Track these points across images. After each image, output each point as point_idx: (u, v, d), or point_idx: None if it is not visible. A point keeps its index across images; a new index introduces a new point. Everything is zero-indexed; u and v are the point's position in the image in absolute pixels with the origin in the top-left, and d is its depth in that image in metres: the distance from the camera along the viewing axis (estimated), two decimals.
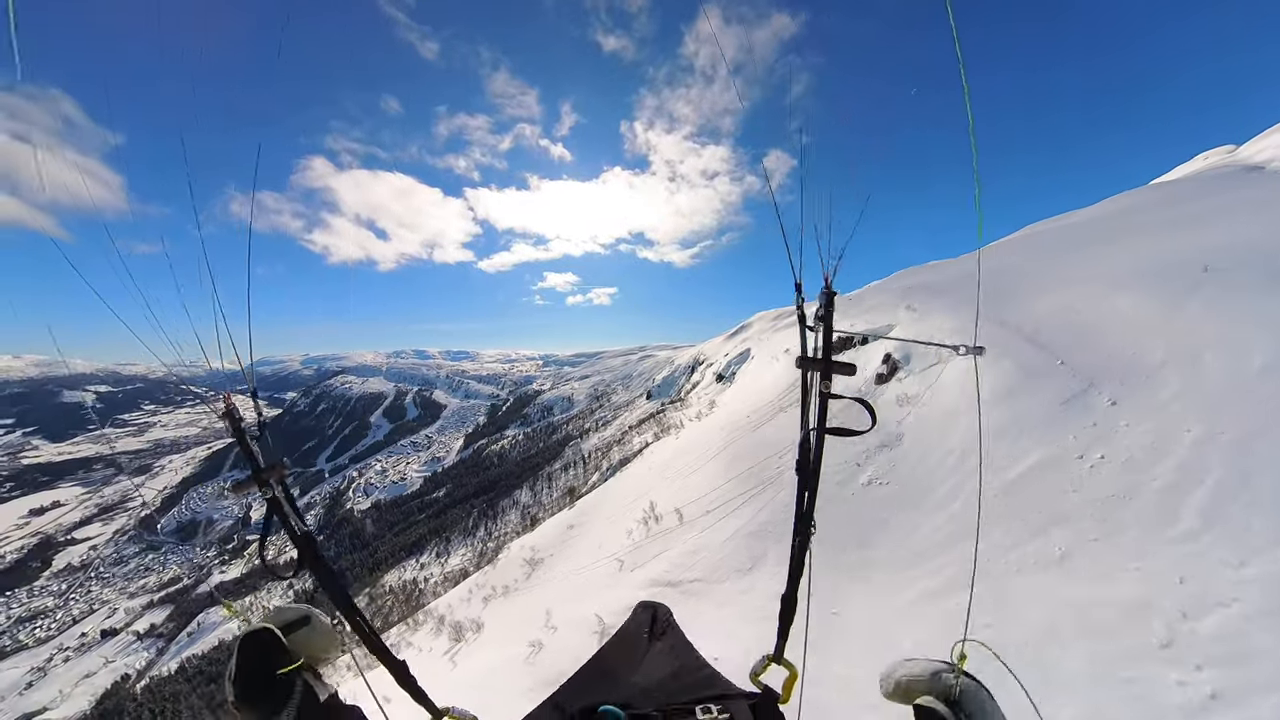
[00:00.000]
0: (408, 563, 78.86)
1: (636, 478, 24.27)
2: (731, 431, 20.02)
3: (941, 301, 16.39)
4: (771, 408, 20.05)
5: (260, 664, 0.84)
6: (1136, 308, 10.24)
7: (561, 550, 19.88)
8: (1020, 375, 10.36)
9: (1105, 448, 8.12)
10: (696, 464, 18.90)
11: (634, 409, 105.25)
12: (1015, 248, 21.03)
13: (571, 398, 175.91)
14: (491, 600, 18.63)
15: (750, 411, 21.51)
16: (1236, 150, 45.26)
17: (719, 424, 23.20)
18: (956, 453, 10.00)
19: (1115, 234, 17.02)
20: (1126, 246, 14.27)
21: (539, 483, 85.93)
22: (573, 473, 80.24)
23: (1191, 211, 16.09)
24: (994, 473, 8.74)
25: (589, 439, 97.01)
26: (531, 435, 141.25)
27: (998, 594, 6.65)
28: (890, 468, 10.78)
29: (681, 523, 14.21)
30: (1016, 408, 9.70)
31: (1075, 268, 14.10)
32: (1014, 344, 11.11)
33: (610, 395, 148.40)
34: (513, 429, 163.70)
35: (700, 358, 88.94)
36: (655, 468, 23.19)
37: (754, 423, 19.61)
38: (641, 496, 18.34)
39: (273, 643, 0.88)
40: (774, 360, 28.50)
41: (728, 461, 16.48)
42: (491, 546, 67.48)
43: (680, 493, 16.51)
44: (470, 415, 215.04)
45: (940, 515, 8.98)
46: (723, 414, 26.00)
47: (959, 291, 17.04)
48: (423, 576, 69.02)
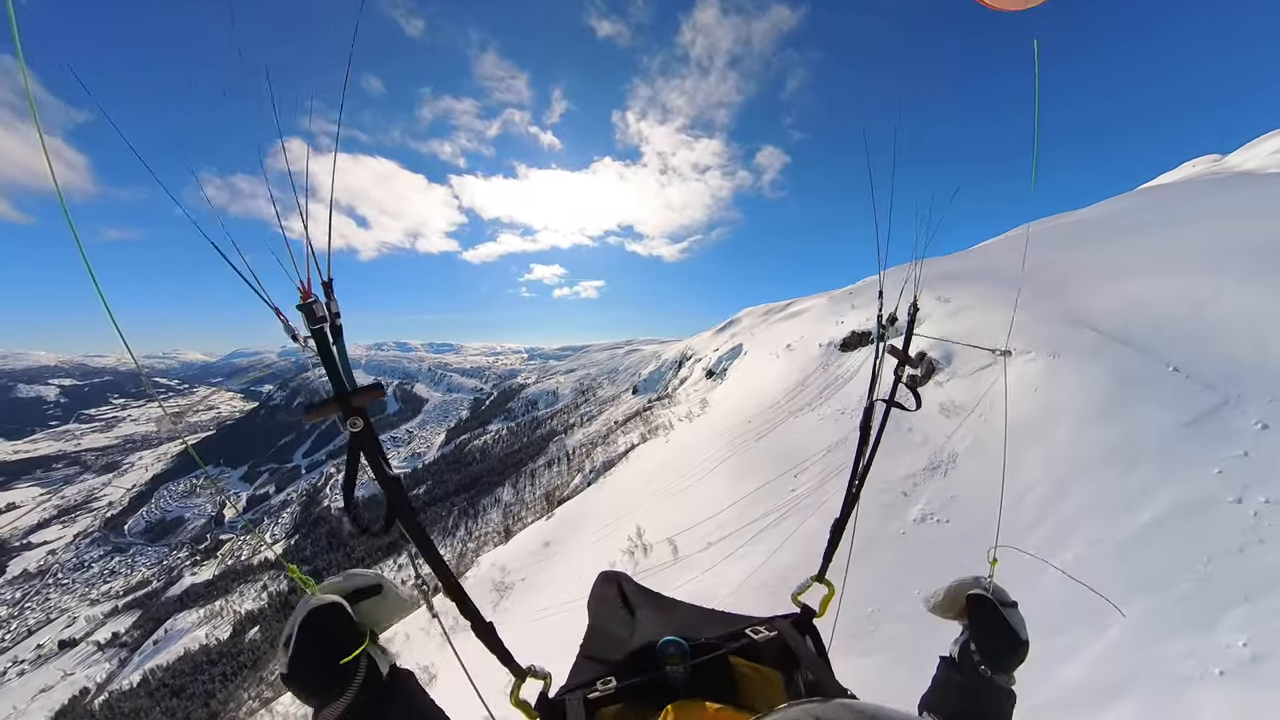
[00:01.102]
0: (384, 564, 75.94)
1: (621, 489, 21.89)
2: (732, 439, 17.80)
3: (976, 290, 14.24)
4: (779, 411, 17.83)
5: (323, 645, 0.73)
6: (1263, 300, 8.02)
7: (534, 574, 17.48)
8: (1116, 384, 8.14)
9: (1271, 488, 5.86)
10: (691, 478, 16.57)
11: (620, 404, 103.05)
12: (1039, 241, 19.00)
13: (557, 392, 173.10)
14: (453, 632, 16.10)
15: (753, 414, 19.30)
16: (1223, 159, 44.86)
17: (715, 427, 20.97)
18: (1043, 487, 7.71)
19: (1168, 220, 14.94)
20: (1196, 229, 12.16)
21: (521, 480, 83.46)
22: (556, 469, 77.92)
23: (1245, 199, 14.14)
24: (1108, 515, 6.46)
25: (573, 434, 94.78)
26: (515, 430, 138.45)
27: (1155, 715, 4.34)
28: (947, 500, 8.52)
29: (676, 558, 11.81)
30: (1122, 427, 7.46)
31: (1141, 253, 11.97)
32: (1098, 344, 8.93)
33: (596, 389, 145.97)
34: (496, 423, 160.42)
35: (688, 352, 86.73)
36: (643, 476, 20.89)
37: (759, 428, 17.38)
38: (626, 516, 15.97)
39: (340, 619, 0.76)
40: (774, 357, 26.25)
41: (731, 478, 14.20)
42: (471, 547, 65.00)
43: (673, 515, 14.16)
44: (453, 409, 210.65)
45: (1033, 573, 6.71)
46: (718, 415, 23.79)
47: (995, 280, 14.91)
48: (400, 579, 66.19)
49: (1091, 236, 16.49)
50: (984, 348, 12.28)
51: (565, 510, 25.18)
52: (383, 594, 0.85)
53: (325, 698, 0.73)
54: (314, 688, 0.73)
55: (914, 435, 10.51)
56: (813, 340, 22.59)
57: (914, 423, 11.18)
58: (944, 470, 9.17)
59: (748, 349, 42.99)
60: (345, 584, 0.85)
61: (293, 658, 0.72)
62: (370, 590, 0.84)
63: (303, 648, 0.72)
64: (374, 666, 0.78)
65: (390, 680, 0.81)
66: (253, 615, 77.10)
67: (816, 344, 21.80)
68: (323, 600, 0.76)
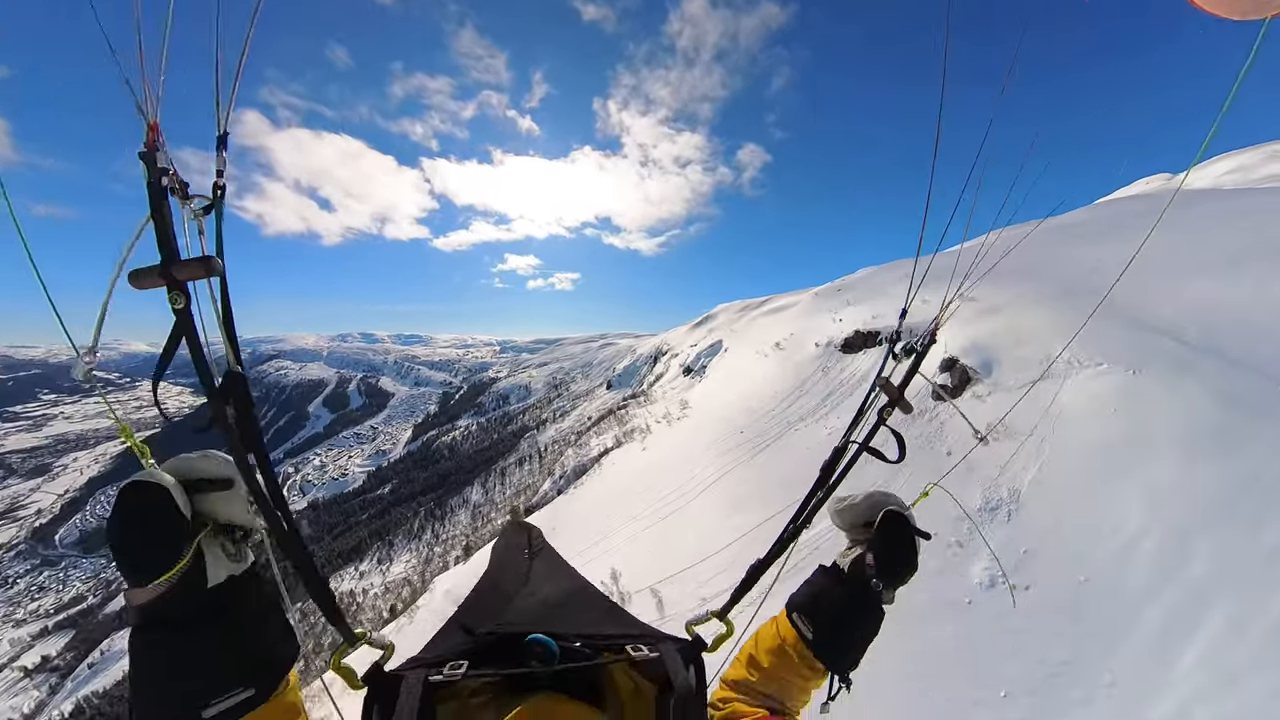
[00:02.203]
0: (346, 571, 72.38)
1: (594, 505, 19.62)
2: (722, 453, 15.87)
3: (1007, 286, 12.59)
4: (775, 420, 16.01)
5: (142, 520, 0.65)
6: None
7: None
8: (1224, 408, 6.53)
9: None
10: (677, 501, 14.50)
11: (594, 399, 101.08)
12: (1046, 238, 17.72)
13: (529, 386, 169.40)
14: None
15: (743, 422, 17.44)
16: (1173, 178, 46.32)
17: (700, 435, 19.07)
18: (1156, 538, 5.99)
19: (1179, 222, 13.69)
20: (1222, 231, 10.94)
21: (491, 478, 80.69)
22: (528, 467, 75.55)
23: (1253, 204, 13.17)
24: (1249, 581, 4.76)
25: (546, 430, 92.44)
26: (485, 426, 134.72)
27: None
28: (1020, 556, 6.76)
29: (662, 615, 9.65)
30: (1240, 465, 5.81)
31: (1180, 251, 10.58)
32: (1187, 358, 7.34)
33: (569, 384, 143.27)
34: (465, 419, 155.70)
35: (664, 347, 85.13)
36: (617, 493, 18.62)
37: (753, 440, 15.52)
38: (599, 546, 13.81)
39: (159, 501, 0.66)
40: (761, 355, 24.49)
41: (725, 505, 12.18)
42: (438, 551, 62.27)
43: (656, 552, 11.99)
44: (420, 404, 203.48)
45: (1159, 664, 4.96)
46: (701, 420, 21.89)
47: (1026, 275, 13.27)
48: (362, 588, 63.24)
49: (1102, 233, 15.28)
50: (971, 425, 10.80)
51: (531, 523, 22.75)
52: (233, 489, 0.75)
53: (135, 579, 0.65)
54: (127, 564, 0.65)
55: (953, 460, 8.82)
56: (806, 339, 20.90)
57: (952, 443, 9.51)
58: (1005, 512, 7.45)
59: (728, 346, 41.27)
60: (188, 467, 0.74)
61: (108, 529, 0.64)
62: (218, 482, 0.74)
63: (113, 524, 0.64)
64: (200, 566, 0.69)
65: (223, 589, 0.71)
66: None
67: (812, 343, 20.09)
68: (143, 478, 0.66)
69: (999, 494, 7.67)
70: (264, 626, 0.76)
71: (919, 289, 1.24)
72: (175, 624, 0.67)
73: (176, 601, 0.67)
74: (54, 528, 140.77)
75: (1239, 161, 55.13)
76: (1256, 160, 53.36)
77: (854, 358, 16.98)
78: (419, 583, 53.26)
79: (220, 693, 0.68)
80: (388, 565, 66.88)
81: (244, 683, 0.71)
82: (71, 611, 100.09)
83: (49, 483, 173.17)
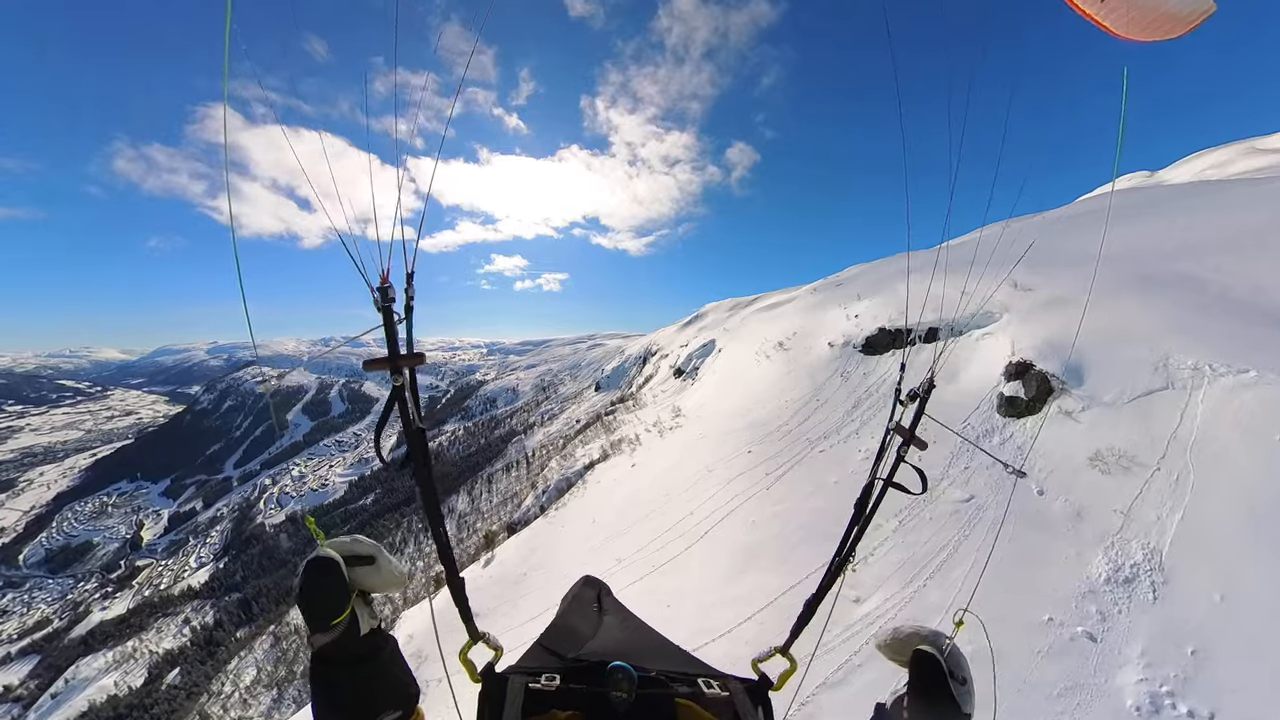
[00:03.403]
0: None
1: (576, 538, 16.83)
2: (727, 479, 13.36)
3: (1075, 276, 10.45)
4: (792, 438, 13.48)
5: (320, 584, 0.93)
6: None
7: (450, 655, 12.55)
8: None
9: None
10: (672, 545, 11.71)
11: (582, 401, 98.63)
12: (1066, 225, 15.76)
13: (517, 389, 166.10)
14: None
15: (751, 439, 14.94)
16: (1154, 175, 45.78)
17: (697, 451, 16.56)
18: None
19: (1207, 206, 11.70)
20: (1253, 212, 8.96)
21: (478, 485, 77.92)
22: (515, 474, 72.87)
23: None
24: None
25: (533, 435, 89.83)
26: (473, 430, 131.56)
27: None
28: (1185, 661, 4.52)
29: None
30: None
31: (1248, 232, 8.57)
32: None
33: (558, 386, 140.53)
34: (452, 423, 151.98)
35: (653, 348, 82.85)
36: (603, 526, 15.98)
37: (765, 463, 12.87)
38: None
39: (332, 573, 0.94)
40: (762, 356, 22.08)
41: (732, 558, 9.41)
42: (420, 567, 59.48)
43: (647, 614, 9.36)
44: None
45: None
46: (698, 431, 19.41)
47: (1082, 259, 11.19)
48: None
49: (1142, 212, 13.29)
50: (999, 460, 8.84)
51: (506, 557, 19.90)
52: (375, 565, 1.00)
53: (314, 627, 0.93)
54: (307, 617, 0.92)
55: (1049, 502, 6.67)
56: (815, 338, 18.61)
57: (1045, 476, 7.31)
58: (1148, 586, 5.24)
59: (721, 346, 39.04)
60: (346, 546, 0.99)
61: (298, 592, 0.92)
62: (365, 559, 0.99)
63: (305, 584, 0.92)
64: (355, 620, 0.96)
65: (370, 637, 0.99)
66: (172, 655, 68.78)
67: (824, 343, 17.80)
68: (324, 554, 0.94)
69: (1131, 556, 5.50)
70: (398, 665, 1.03)
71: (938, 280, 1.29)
72: (343, 662, 0.95)
73: (343, 645, 0.94)
74: (18, 546, 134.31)
75: (1217, 158, 55.28)
76: (1232, 156, 53.47)
77: (879, 360, 14.73)
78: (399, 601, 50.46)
79: (379, 714, 0.97)
80: None
81: (395, 707, 0.99)
82: (36, 636, 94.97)
83: (13, 499, 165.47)
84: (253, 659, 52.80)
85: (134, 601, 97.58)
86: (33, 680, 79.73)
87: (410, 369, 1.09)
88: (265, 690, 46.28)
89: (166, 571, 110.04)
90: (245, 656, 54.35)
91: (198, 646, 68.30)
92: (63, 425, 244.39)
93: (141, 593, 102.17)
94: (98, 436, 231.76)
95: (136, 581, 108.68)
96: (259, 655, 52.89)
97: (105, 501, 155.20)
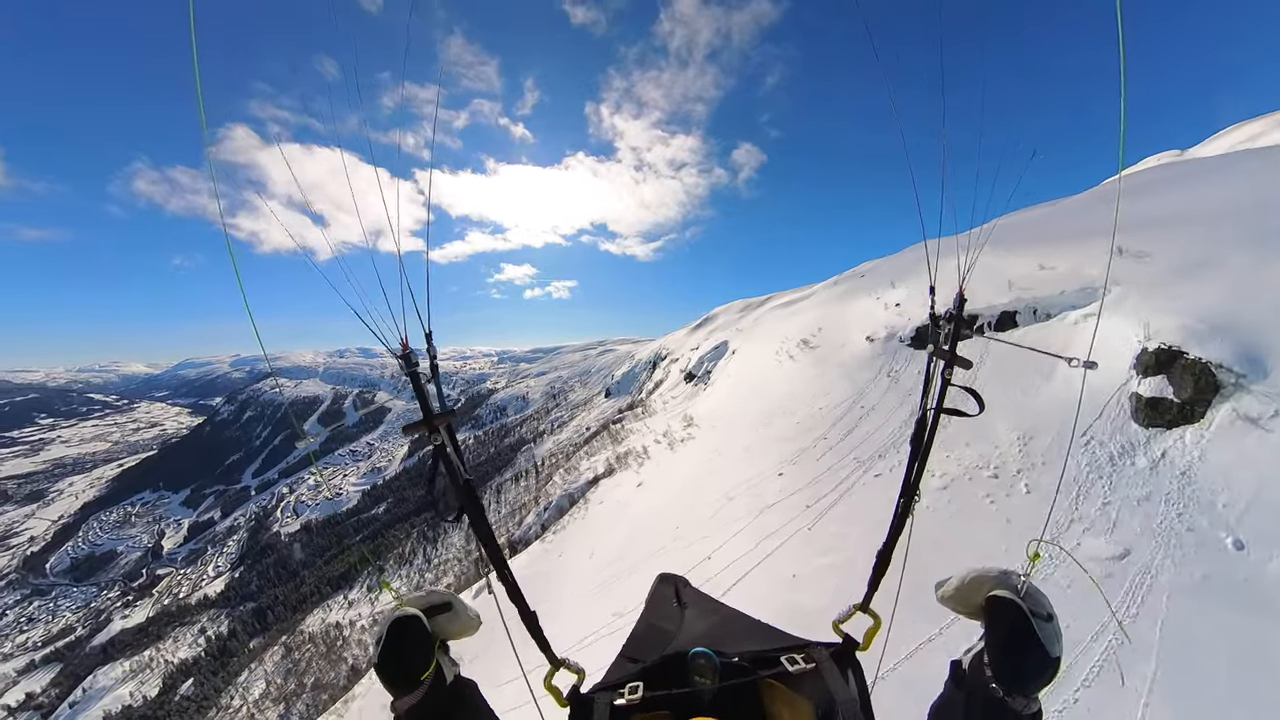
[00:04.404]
0: (334, 600, 69.02)
1: (570, 575, 14.80)
2: (754, 509, 11.00)
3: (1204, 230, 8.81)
4: (833, 455, 11.31)
5: (402, 648, 0.94)
6: None
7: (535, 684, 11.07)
8: None
9: None
10: None
11: (592, 408, 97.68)
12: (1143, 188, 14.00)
13: (527, 396, 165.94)
14: None
15: (780, 457, 12.71)
16: (1184, 154, 43.40)
17: (713, 468, 14.76)
18: None
19: None
20: None
21: (486, 496, 77.49)
22: (524, 484, 72.11)
23: None
24: None
25: (543, 443, 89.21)
26: (483, 439, 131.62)
27: None
28: None
29: None
30: None
31: None
32: None
33: (568, 393, 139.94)
34: (463, 432, 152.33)
35: (663, 352, 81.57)
36: (600, 560, 13.90)
37: (804, 488, 10.73)
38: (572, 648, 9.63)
39: (418, 630, 0.96)
40: (785, 357, 20.05)
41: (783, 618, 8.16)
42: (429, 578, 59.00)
43: None
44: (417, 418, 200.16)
45: None
46: (711, 444, 17.62)
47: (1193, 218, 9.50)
48: (349, 619, 60.00)
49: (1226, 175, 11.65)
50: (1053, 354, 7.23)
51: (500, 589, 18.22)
52: (453, 611, 1.02)
53: (402, 691, 0.93)
54: (393, 680, 0.92)
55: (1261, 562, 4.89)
56: (846, 332, 16.57)
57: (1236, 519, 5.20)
58: None
59: (735, 347, 37.44)
60: (424, 600, 1.02)
61: (380, 656, 0.92)
62: (443, 607, 1.02)
63: (388, 648, 0.92)
64: (441, 672, 0.98)
65: (455, 685, 1.00)
66: (186, 666, 69.17)
67: (860, 337, 15.75)
68: (406, 612, 0.96)
69: None
70: (483, 710, 1.04)
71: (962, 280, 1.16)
72: (435, 716, 0.94)
73: (433, 700, 0.94)
74: (46, 555, 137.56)
75: (1248, 132, 52.74)
76: (1265, 128, 50.87)
77: None
78: None
79: None
80: (377, 593, 63.58)
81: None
82: (59, 644, 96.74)
83: (44, 508, 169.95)
84: (262, 671, 52.53)
85: (153, 610, 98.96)
86: (54, 688, 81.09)
87: (447, 426, 1.12)
88: (273, 705, 45.73)
89: (185, 580, 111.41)
90: (255, 669, 54.14)
91: (211, 656, 68.65)
92: (91, 437, 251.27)
93: (161, 601, 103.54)
94: (124, 448, 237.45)
95: (156, 590, 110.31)
96: (269, 668, 52.62)
97: (129, 511, 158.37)
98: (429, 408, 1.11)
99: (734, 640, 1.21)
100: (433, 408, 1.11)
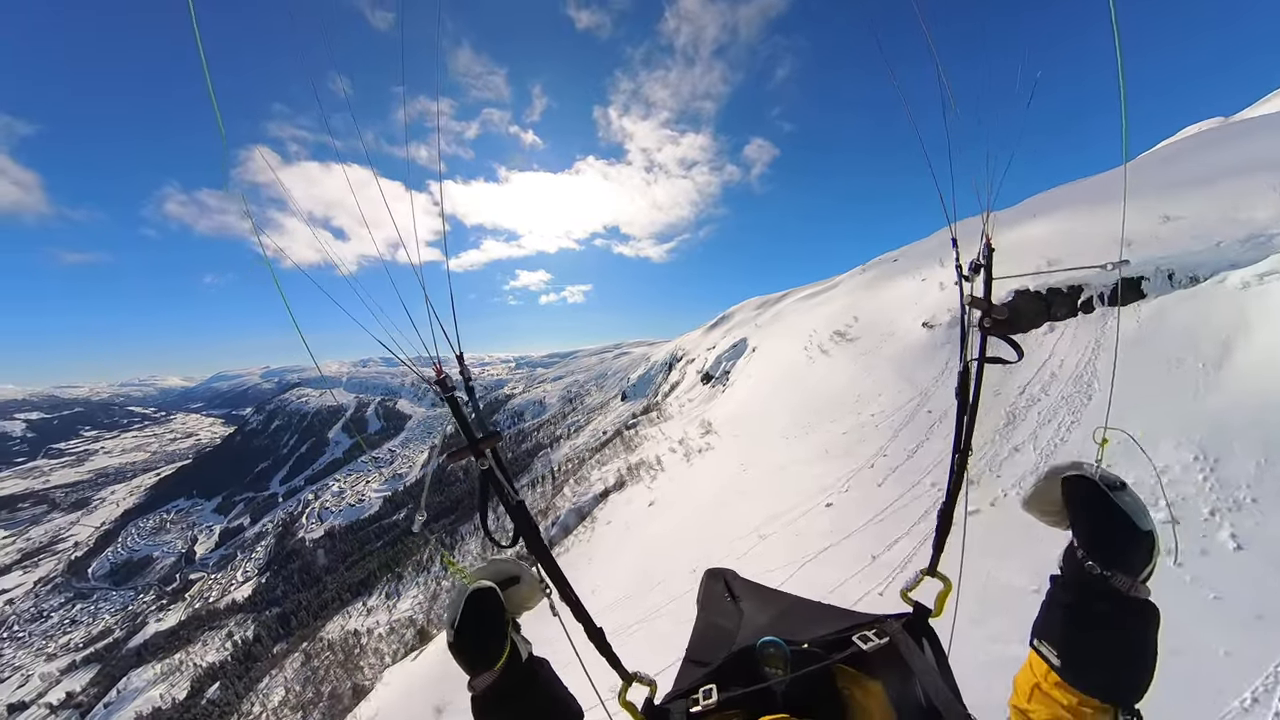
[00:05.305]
0: (353, 606, 69.43)
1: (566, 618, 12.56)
2: (800, 560, 8.24)
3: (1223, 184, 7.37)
4: (900, 481, 8.72)
5: (479, 624, 0.91)
6: None
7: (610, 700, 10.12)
8: None
9: None
10: None
11: (608, 412, 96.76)
12: None
13: (544, 401, 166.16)
14: None
15: (825, 480, 10.08)
16: (1228, 120, 40.80)
17: (740, 494, 11.84)
18: None
19: None
20: None
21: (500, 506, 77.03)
22: (540, 490, 71.42)
23: None
24: None
25: (560, 448, 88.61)
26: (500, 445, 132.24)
27: None
28: None
29: None
30: None
31: None
32: None
33: (584, 397, 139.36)
34: None
35: (679, 352, 79.99)
36: (601, 603, 11.27)
37: (863, 527, 8.29)
38: None
39: (494, 603, 0.93)
40: (818, 352, 17.64)
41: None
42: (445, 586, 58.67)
43: None
44: (437, 425, 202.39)
45: None
46: (734, 457, 15.13)
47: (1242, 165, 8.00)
48: (367, 627, 60.14)
49: None
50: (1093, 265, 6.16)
51: None
52: (520, 581, 0.99)
53: (479, 669, 0.90)
54: (471, 659, 0.90)
55: None
56: (897, 318, 13.94)
57: None
58: None
59: (755, 344, 35.59)
60: (494, 571, 0.99)
61: (457, 633, 0.90)
62: (512, 579, 0.98)
63: (465, 625, 0.89)
64: (516, 649, 0.93)
65: (529, 663, 0.96)
66: (213, 670, 70.44)
67: (915, 323, 13.28)
68: (481, 585, 0.91)
69: None
70: (559, 685, 1.00)
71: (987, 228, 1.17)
72: (510, 695, 0.91)
73: (511, 677, 0.91)
74: (88, 560, 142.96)
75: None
76: None
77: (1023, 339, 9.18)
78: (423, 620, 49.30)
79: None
80: (395, 601, 63.57)
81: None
82: (99, 645, 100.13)
83: (87, 515, 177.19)
84: (282, 678, 52.67)
85: (185, 613, 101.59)
86: (93, 688, 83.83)
87: (492, 448, 1.09)
88: (291, 713, 45.62)
89: (215, 585, 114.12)
90: (276, 675, 54.36)
91: (237, 660, 69.75)
92: (132, 448, 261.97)
93: (192, 605, 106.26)
94: (162, 457, 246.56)
95: (188, 594, 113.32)
96: (289, 674, 52.75)
97: (164, 518, 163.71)
98: (472, 433, 1.07)
99: (801, 626, 1.20)
100: (476, 434, 1.08)
